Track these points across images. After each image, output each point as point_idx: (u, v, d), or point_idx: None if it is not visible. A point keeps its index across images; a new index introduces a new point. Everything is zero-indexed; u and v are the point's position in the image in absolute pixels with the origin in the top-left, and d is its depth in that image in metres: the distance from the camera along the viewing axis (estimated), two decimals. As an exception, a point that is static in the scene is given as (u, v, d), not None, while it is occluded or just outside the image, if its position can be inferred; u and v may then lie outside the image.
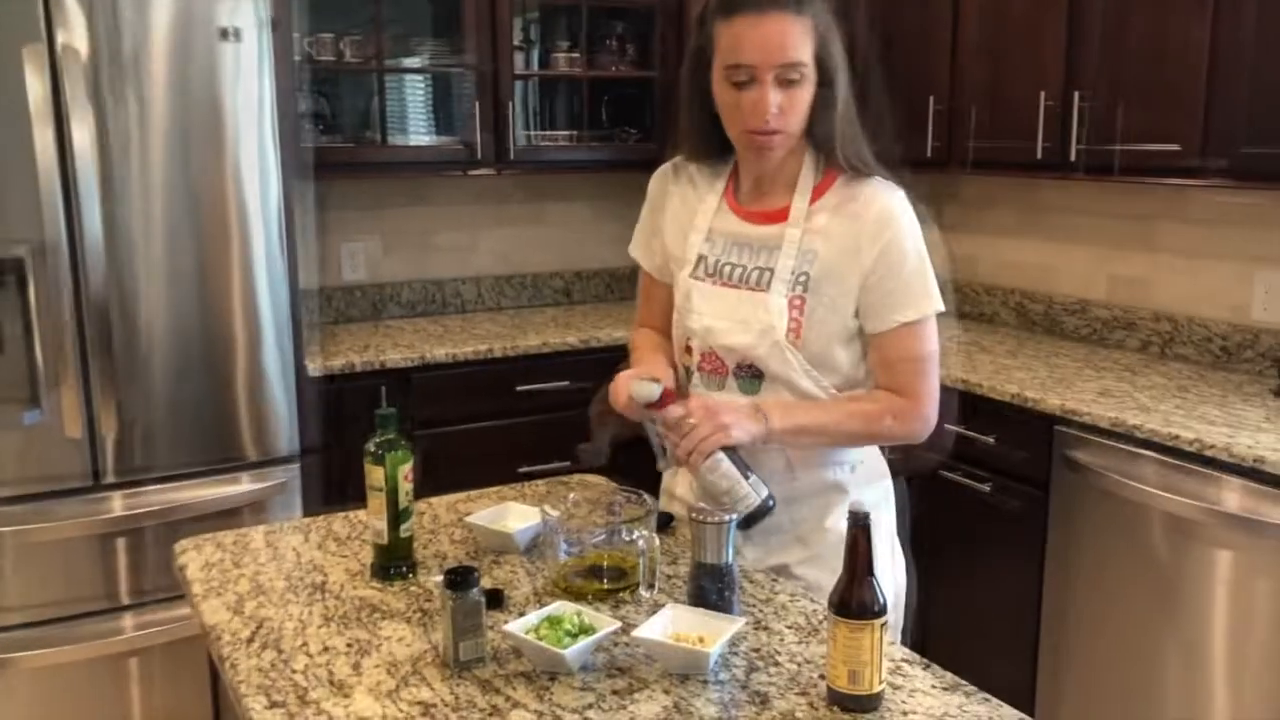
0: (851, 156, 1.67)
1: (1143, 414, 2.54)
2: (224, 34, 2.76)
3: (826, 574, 1.47)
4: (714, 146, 1.75)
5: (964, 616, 3.02)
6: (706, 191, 1.79)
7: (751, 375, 1.70)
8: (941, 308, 1.69)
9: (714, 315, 1.71)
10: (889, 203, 1.67)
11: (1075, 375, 2.94)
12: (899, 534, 1.87)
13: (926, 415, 1.70)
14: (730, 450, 1.60)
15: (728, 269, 1.73)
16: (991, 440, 2.85)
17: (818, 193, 1.69)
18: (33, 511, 2.72)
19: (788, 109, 1.61)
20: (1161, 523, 2.47)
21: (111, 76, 2.66)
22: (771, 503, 1.62)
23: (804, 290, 1.66)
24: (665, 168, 1.87)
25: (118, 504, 2.81)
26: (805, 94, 1.62)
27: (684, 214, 1.81)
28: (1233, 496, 2.33)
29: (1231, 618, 2.37)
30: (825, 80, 1.63)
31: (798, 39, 1.59)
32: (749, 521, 1.61)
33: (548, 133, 3.85)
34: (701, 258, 1.76)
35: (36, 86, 2.57)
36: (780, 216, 1.69)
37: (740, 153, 1.72)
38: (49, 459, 2.72)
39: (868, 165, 1.68)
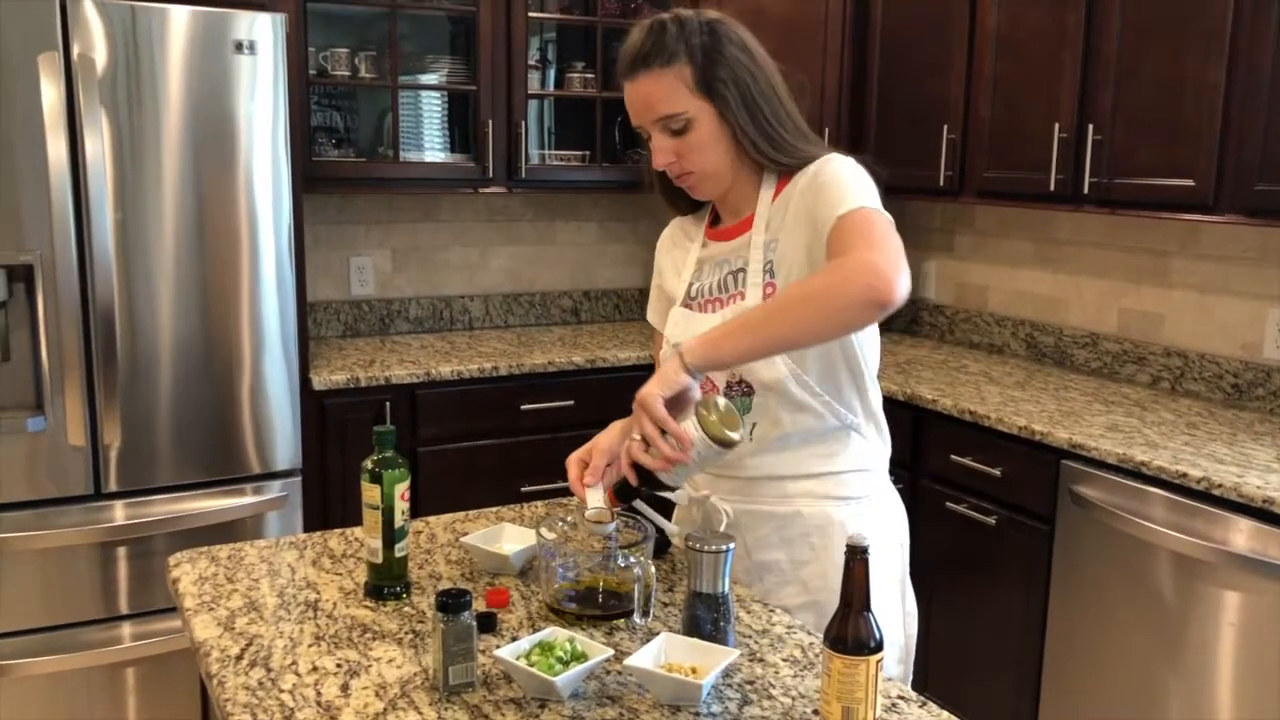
0: (787, 158, 1.67)
1: (1151, 450, 2.52)
2: (239, 47, 2.77)
3: (826, 622, 1.44)
4: (674, 192, 1.80)
5: (968, 649, 2.99)
6: (696, 235, 1.84)
7: (741, 393, 1.70)
8: (878, 206, 1.56)
9: (700, 330, 1.70)
10: (820, 161, 1.65)
11: (1084, 409, 2.91)
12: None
13: (871, 260, 1.44)
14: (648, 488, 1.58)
15: (710, 287, 1.75)
16: (998, 473, 2.83)
17: (778, 193, 1.71)
18: (34, 518, 2.72)
19: (685, 152, 1.67)
20: (1168, 561, 2.44)
21: (126, 86, 2.67)
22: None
23: (771, 276, 1.67)
24: (665, 231, 1.92)
25: (119, 513, 2.81)
26: (701, 134, 1.65)
27: (680, 264, 1.85)
28: (1241, 537, 2.30)
29: (1238, 660, 2.33)
30: (721, 109, 1.65)
31: (665, 92, 1.64)
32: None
33: (560, 152, 3.86)
34: (689, 288, 1.79)
35: (51, 95, 2.58)
36: (748, 224, 1.72)
37: None
38: (52, 466, 2.72)
39: (804, 158, 1.67)
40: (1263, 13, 2.51)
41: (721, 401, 1.48)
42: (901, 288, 1.44)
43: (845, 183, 1.59)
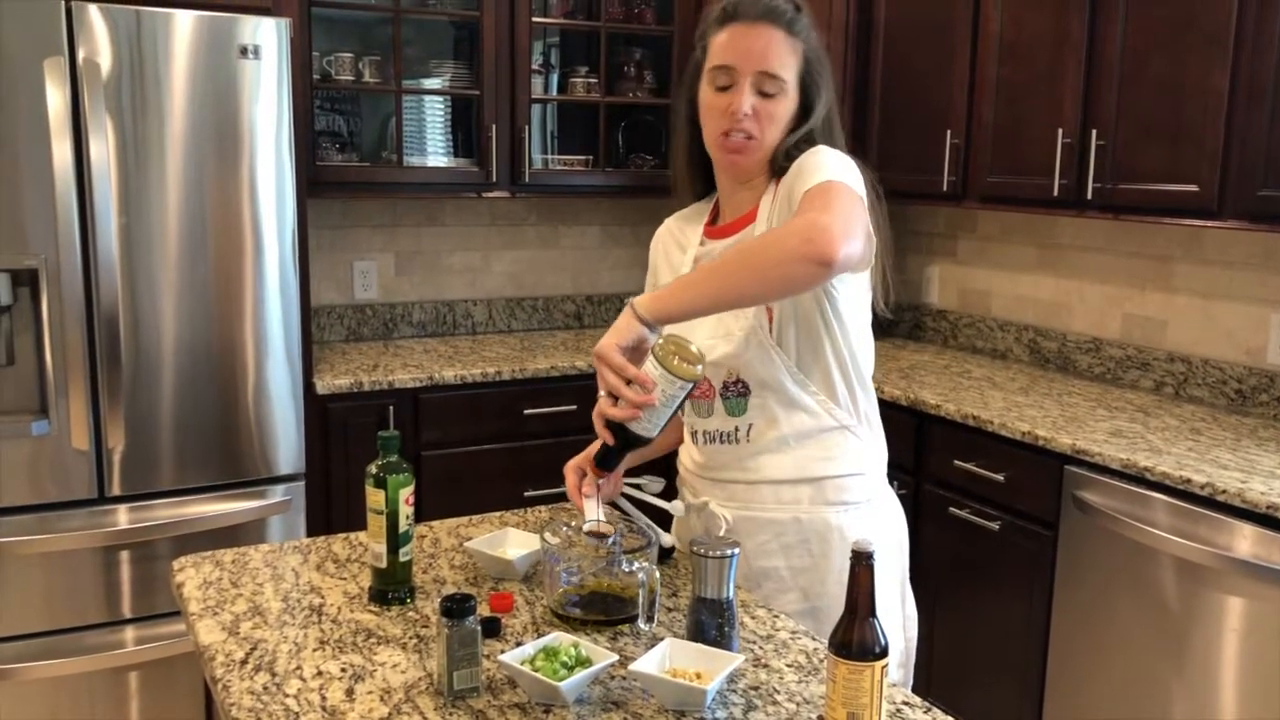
0: (785, 163, 1.68)
1: (1155, 456, 2.52)
2: (243, 51, 2.78)
3: (827, 628, 1.44)
4: (697, 171, 1.80)
5: (971, 654, 2.99)
6: (692, 234, 1.83)
7: (738, 393, 1.70)
8: (848, 181, 1.56)
9: (695, 337, 1.71)
10: (807, 150, 1.66)
11: (1087, 415, 2.91)
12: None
13: (816, 219, 1.45)
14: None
15: None
16: (1001, 478, 2.83)
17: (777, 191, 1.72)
18: (37, 522, 2.72)
19: (762, 115, 1.66)
20: (1172, 567, 2.44)
21: (130, 91, 2.68)
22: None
23: None
24: (659, 229, 1.92)
25: (122, 517, 2.81)
26: (782, 108, 1.67)
27: (676, 261, 1.85)
28: (1244, 543, 2.30)
29: (1241, 666, 2.33)
30: (805, 106, 1.68)
31: (783, 54, 1.65)
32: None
33: (563, 157, 3.86)
34: None
35: (56, 99, 2.59)
36: (750, 219, 1.73)
37: (715, 165, 1.76)
38: (55, 470, 2.72)
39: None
40: (1266, 17, 2.51)
41: (672, 336, 1.50)
42: (844, 247, 1.44)
43: (820, 163, 1.60)
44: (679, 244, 1.86)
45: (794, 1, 1.69)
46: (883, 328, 1.78)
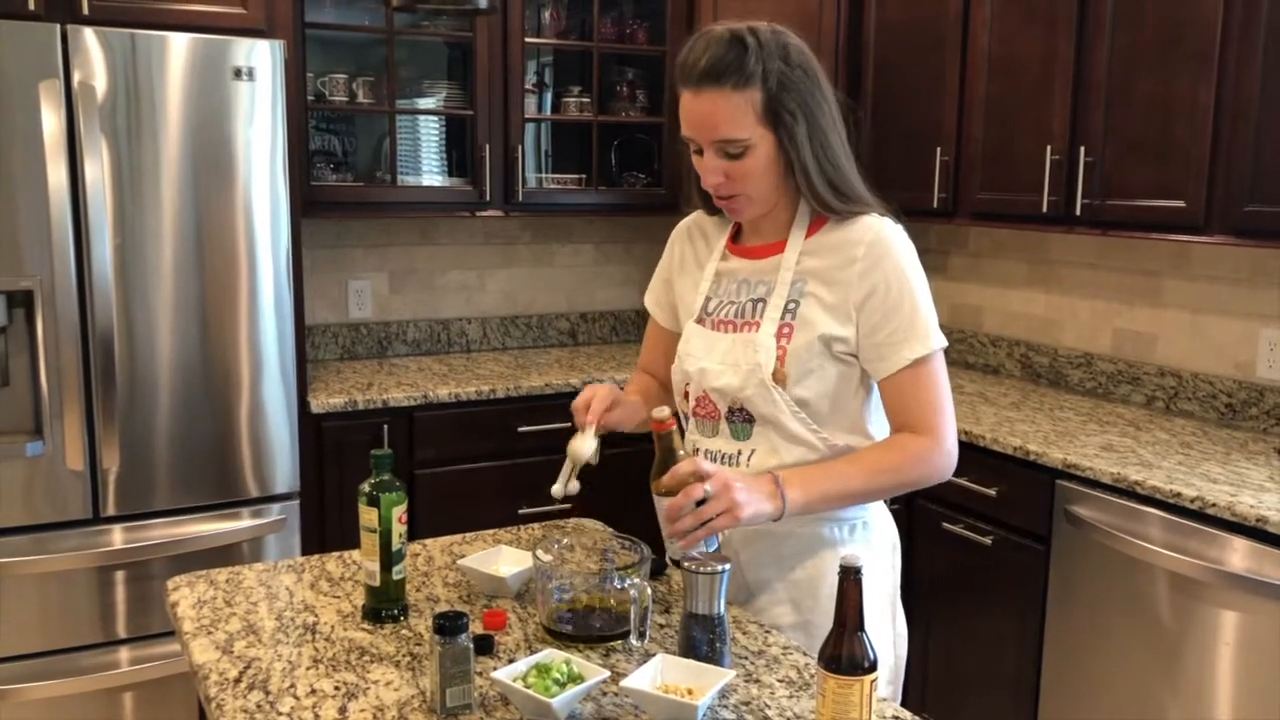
0: (832, 201, 1.65)
1: (1145, 470, 2.53)
2: (238, 73, 2.80)
3: (818, 642, 1.45)
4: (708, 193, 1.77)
5: (965, 669, 2.99)
6: (715, 242, 1.82)
7: (743, 420, 1.70)
8: (944, 342, 1.65)
9: (707, 358, 1.72)
10: (880, 237, 1.63)
11: (1079, 429, 2.93)
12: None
13: (948, 450, 1.66)
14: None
15: (727, 309, 1.74)
16: (993, 493, 2.84)
17: (811, 231, 1.70)
18: (32, 543, 2.72)
19: (736, 176, 1.63)
20: (1164, 581, 2.45)
21: (126, 113, 2.70)
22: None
23: (792, 319, 1.66)
24: (683, 223, 1.90)
25: (117, 538, 2.81)
26: (754, 162, 1.62)
27: (694, 267, 1.84)
28: (1235, 556, 2.31)
29: (1234, 679, 2.34)
30: (783, 140, 1.62)
31: (731, 115, 1.58)
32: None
33: (557, 176, 3.88)
34: (705, 301, 1.78)
35: (52, 121, 2.60)
36: (777, 248, 1.71)
37: None
38: (50, 491, 2.73)
39: (855, 205, 1.66)
40: (1251, 35, 2.54)
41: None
42: (956, 462, 1.69)
43: (916, 304, 1.62)
44: (700, 246, 1.84)
45: (739, 38, 1.59)
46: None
